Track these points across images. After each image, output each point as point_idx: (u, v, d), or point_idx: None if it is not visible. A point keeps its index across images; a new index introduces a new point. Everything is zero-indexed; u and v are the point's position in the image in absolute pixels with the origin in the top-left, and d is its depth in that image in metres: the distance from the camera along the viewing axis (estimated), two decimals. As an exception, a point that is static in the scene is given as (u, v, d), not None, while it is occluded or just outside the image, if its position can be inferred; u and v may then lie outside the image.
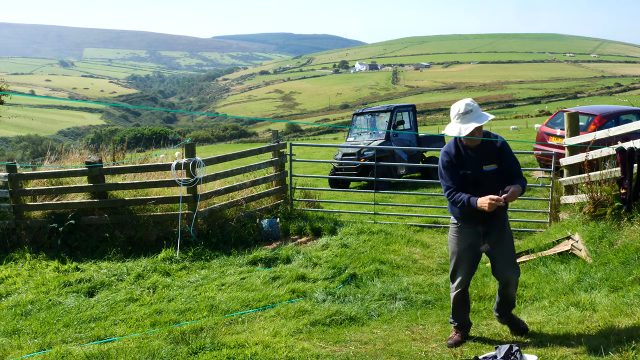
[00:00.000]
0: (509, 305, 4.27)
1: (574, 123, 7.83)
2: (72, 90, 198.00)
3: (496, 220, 4.05)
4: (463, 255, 4.17)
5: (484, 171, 4.00)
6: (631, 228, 5.56)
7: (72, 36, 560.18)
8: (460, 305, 4.28)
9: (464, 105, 3.94)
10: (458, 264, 4.20)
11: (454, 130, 3.93)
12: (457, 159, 4.03)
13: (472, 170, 4.00)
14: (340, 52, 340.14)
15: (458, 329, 4.29)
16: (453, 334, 4.30)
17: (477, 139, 4.00)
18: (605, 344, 3.67)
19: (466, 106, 3.93)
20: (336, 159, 13.94)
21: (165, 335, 4.77)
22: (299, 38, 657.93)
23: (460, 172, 4.02)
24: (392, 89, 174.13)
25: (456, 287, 4.24)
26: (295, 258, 7.00)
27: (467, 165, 4.02)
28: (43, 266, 7.42)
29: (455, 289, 4.25)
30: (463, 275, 4.19)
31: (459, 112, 3.93)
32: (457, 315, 4.30)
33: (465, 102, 3.98)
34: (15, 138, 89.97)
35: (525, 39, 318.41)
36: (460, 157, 4.03)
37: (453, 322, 4.32)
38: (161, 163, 8.64)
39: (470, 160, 4.01)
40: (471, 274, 4.25)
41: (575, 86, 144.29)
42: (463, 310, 4.30)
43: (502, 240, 4.10)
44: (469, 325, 4.34)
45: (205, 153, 28.26)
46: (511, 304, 4.28)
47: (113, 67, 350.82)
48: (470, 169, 4.01)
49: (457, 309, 4.29)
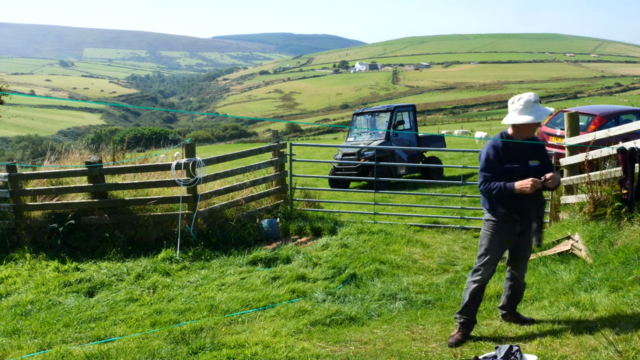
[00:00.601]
0: (517, 299, 4.40)
1: (574, 123, 7.84)
2: (72, 90, 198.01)
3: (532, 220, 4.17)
4: (496, 252, 4.23)
5: (530, 166, 4.11)
6: (631, 228, 5.56)
7: (72, 36, 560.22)
8: (475, 300, 4.30)
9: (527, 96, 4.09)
10: (488, 259, 4.23)
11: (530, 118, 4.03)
12: (503, 153, 4.13)
13: (520, 165, 4.11)
14: (340, 52, 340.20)
15: (462, 327, 4.28)
16: (455, 333, 4.28)
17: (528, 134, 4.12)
18: (605, 344, 3.67)
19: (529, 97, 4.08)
20: (336, 159, 13.94)
21: (165, 335, 4.77)
22: (299, 38, 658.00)
23: (505, 166, 4.11)
24: (392, 89, 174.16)
25: (479, 282, 4.26)
26: (295, 258, 7.00)
27: (514, 160, 4.12)
28: (43, 266, 7.42)
29: (476, 283, 4.27)
30: (490, 271, 4.26)
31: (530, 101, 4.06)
32: (467, 310, 4.29)
33: (528, 94, 4.11)
34: (15, 138, 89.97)
35: (525, 39, 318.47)
36: (507, 150, 4.13)
37: (459, 318, 4.29)
38: (161, 163, 8.64)
39: (518, 154, 4.12)
40: (494, 271, 4.32)
41: (575, 86, 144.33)
42: (475, 306, 4.32)
43: (531, 240, 4.25)
44: (474, 323, 4.35)
45: (205, 153, 28.26)
46: (520, 296, 4.42)
47: (113, 67, 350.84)
48: (517, 163, 4.11)
49: (471, 303, 4.29)
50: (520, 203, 4.08)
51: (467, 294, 4.30)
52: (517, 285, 4.38)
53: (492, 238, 4.21)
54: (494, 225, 4.20)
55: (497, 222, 4.19)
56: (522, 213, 4.12)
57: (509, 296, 4.41)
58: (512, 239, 4.21)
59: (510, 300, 4.42)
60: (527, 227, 4.15)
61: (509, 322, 4.47)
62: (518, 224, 4.15)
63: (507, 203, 4.12)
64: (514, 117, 4.10)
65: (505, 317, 4.46)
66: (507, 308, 4.45)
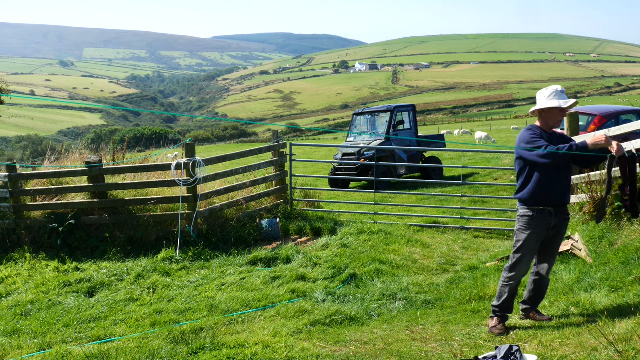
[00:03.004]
0: (541, 295, 4.47)
1: (574, 123, 7.84)
2: (72, 90, 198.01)
3: (565, 215, 4.30)
4: (533, 247, 4.29)
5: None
6: (631, 228, 5.56)
7: (72, 36, 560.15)
8: (514, 295, 4.40)
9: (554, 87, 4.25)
10: (526, 255, 4.29)
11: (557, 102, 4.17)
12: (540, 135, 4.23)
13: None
14: (340, 52, 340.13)
15: (501, 319, 4.37)
16: (496, 324, 4.35)
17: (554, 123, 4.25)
18: (605, 344, 3.67)
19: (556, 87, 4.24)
20: (336, 159, 13.94)
21: (165, 335, 4.77)
22: (299, 38, 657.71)
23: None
24: (392, 89, 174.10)
25: (516, 277, 4.33)
26: (295, 258, 7.00)
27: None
28: (43, 266, 7.42)
29: (514, 279, 4.34)
30: (527, 266, 4.33)
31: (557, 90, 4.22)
32: (506, 304, 4.36)
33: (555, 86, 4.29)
34: (15, 138, 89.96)
35: (525, 39, 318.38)
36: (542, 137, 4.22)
37: (499, 312, 4.37)
38: (161, 163, 8.64)
39: (549, 141, 4.19)
40: (530, 267, 4.41)
41: (575, 86, 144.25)
42: (513, 299, 4.41)
43: (561, 235, 4.37)
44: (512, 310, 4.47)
45: (206, 153, 28.26)
46: (544, 293, 4.47)
47: (113, 67, 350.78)
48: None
49: (510, 298, 4.37)
50: (555, 193, 4.17)
51: (507, 290, 4.36)
52: (542, 281, 4.43)
53: (529, 234, 4.25)
54: (530, 221, 4.25)
55: (533, 217, 4.23)
56: (556, 204, 4.21)
57: (532, 291, 4.47)
58: (547, 233, 4.27)
59: (533, 296, 4.47)
60: (560, 220, 4.25)
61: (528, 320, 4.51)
62: (553, 217, 4.22)
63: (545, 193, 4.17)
64: (542, 102, 4.24)
65: (527, 313, 4.51)
66: (529, 303, 4.49)
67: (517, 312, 4.66)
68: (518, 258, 4.31)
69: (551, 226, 4.25)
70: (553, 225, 4.25)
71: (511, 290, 4.37)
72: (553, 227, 4.26)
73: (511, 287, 4.36)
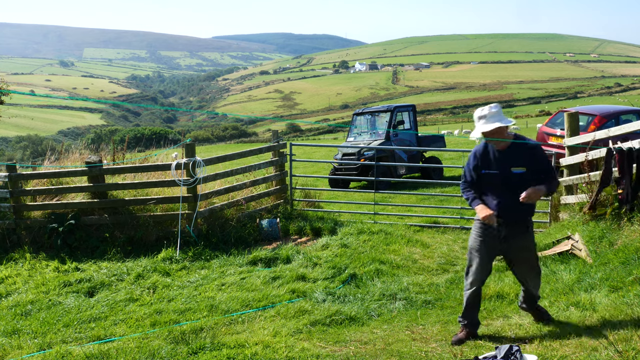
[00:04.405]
0: (532, 300, 4.40)
1: (574, 123, 7.84)
2: (72, 90, 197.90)
3: (518, 225, 4.19)
4: (479, 254, 4.25)
5: (513, 173, 4.12)
6: (631, 228, 5.56)
7: (72, 36, 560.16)
8: (473, 304, 4.32)
9: (487, 108, 4.17)
10: (473, 261, 4.29)
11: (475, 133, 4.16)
12: (482, 160, 4.22)
13: (500, 171, 4.15)
14: (340, 52, 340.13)
15: (465, 327, 4.31)
16: (459, 332, 4.33)
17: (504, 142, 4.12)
18: (605, 344, 3.67)
19: (489, 109, 4.15)
20: (336, 159, 13.93)
21: (165, 335, 4.77)
22: (299, 38, 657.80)
23: (483, 172, 4.21)
24: (392, 89, 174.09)
25: (472, 284, 4.29)
26: (295, 258, 7.00)
27: (493, 166, 4.18)
28: (43, 266, 7.42)
29: (469, 287, 4.30)
30: (477, 274, 4.27)
31: (483, 114, 4.14)
32: (467, 314, 4.32)
33: (488, 105, 4.21)
34: (15, 138, 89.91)
35: (525, 39, 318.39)
36: (486, 158, 4.21)
37: (462, 321, 4.33)
38: (161, 163, 8.63)
39: (498, 161, 4.16)
40: (486, 273, 4.32)
41: (575, 86, 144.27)
42: (475, 309, 4.34)
43: (520, 245, 4.22)
44: (478, 324, 4.36)
45: (206, 153, 28.25)
46: (534, 298, 4.39)
47: (113, 67, 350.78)
48: (497, 169, 4.16)
49: (469, 307, 4.31)
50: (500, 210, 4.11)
51: (465, 297, 4.34)
52: (528, 293, 4.36)
53: (478, 242, 4.26)
54: (478, 230, 4.29)
55: (480, 226, 4.27)
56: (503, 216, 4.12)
57: (524, 296, 4.43)
58: (497, 241, 4.21)
59: (526, 299, 4.43)
60: (512, 231, 4.16)
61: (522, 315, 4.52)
62: (503, 229, 4.16)
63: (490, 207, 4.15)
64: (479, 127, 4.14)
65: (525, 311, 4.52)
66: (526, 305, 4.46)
67: (517, 312, 4.66)
68: (467, 265, 4.33)
69: (502, 236, 4.18)
70: (504, 236, 4.17)
71: (469, 299, 4.29)
72: (504, 238, 4.18)
73: (469, 295, 4.29)
